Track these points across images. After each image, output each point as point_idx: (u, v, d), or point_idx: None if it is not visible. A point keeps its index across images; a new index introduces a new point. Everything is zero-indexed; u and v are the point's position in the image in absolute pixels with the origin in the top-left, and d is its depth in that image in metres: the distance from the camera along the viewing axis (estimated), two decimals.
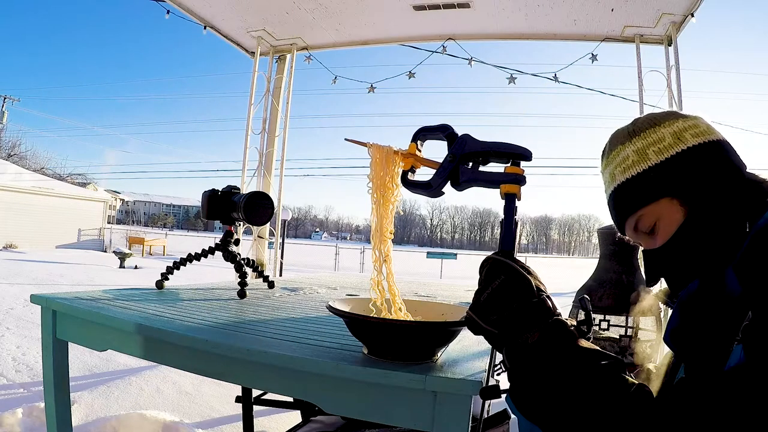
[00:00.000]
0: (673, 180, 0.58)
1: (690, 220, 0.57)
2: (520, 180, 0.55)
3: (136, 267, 11.45)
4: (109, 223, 21.53)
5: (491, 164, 0.58)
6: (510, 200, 0.55)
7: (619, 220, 0.65)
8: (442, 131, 0.59)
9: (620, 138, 0.64)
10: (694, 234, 0.57)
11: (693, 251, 0.58)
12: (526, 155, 0.56)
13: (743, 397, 0.40)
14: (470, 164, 0.58)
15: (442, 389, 0.64)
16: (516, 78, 4.00)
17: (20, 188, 15.90)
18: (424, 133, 0.62)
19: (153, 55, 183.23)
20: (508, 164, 0.57)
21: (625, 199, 0.62)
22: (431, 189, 0.59)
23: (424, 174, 0.62)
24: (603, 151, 0.68)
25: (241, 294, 1.33)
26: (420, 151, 0.63)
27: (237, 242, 1.49)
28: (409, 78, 4.24)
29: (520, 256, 0.60)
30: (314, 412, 1.93)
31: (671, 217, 0.59)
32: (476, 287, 0.54)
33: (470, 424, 0.65)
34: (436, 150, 0.64)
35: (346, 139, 0.66)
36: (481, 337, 0.52)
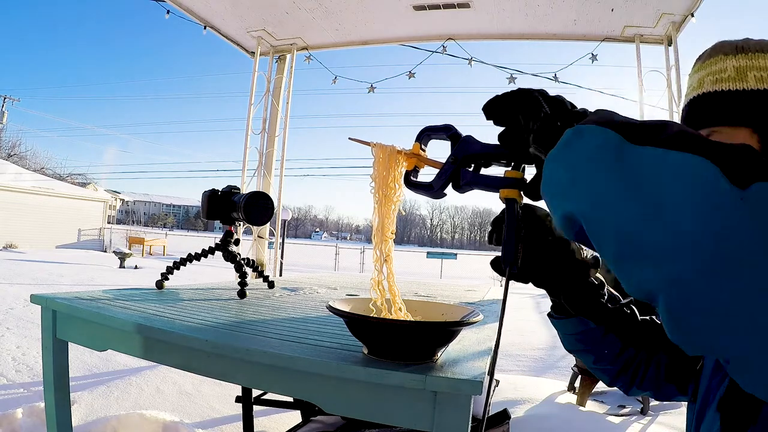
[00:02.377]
0: (763, 114, 0.54)
1: None
2: (519, 184, 0.53)
3: (136, 267, 11.45)
4: (109, 223, 21.54)
5: (496, 167, 0.57)
6: (510, 205, 0.53)
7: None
8: (446, 131, 0.59)
9: (725, 49, 0.59)
10: None
11: None
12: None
13: None
14: (472, 166, 0.57)
15: (442, 389, 0.64)
16: (516, 78, 4.01)
17: (20, 188, 15.89)
18: (428, 133, 0.61)
19: (153, 55, 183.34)
20: (510, 168, 0.55)
21: (705, 110, 0.57)
22: (432, 191, 0.59)
23: (429, 174, 0.62)
24: (701, 55, 0.63)
25: (241, 294, 1.33)
26: (424, 150, 0.62)
27: (237, 242, 1.49)
28: (409, 78, 4.24)
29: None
30: (314, 412, 1.94)
31: None
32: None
33: (470, 424, 0.65)
34: (441, 150, 0.64)
35: (349, 138, 0.66)
36: (481, 337, 0.52)
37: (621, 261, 0.32)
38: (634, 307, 0.66)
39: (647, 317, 0.67)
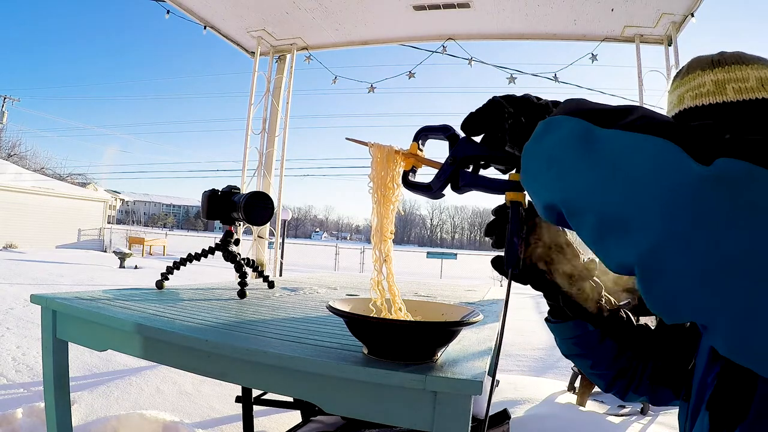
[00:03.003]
0: (743, 125, 0.55)
1: None
2: (522, 187, 0.52)
3: (136, 267, 11.45)
4: (109, 223, 21.53)
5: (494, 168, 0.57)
6: (515, 208, 0.53)
7: None
8: (444, 132, 0.58)
9: (702, 64, 0.60)
10: None
11: None
12: None
13: None
14: (471, 167, 0.57)
15: (442, 389, 0.64)
16: (516, 78, 4.01)
17: (20, 188, 15.89)
18: (425, 133, 0.61)
19: (153, 55, 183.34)
20: (513, 171, 0.54)
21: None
22: (431, 191, 0.58)
23: (426, 174, 0.61)
24: (678, 72, 0.64)
25: (241, 294, 1.33)
26: (422, 150, 0.62)
27: (237, 242, 1.49)
28: (409, 78, 4.24)
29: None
30: (314, 412, 1.94)
31: None
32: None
33: (470, 424, 0.65)
34: (438, 149, 0.64)
35: (347, 138, 0.66)
36: (481, 337, 0.52)
37: (600, 240, 0.33)
38: (629, 312, 0.66)
39: (642, 322, 0.67)
